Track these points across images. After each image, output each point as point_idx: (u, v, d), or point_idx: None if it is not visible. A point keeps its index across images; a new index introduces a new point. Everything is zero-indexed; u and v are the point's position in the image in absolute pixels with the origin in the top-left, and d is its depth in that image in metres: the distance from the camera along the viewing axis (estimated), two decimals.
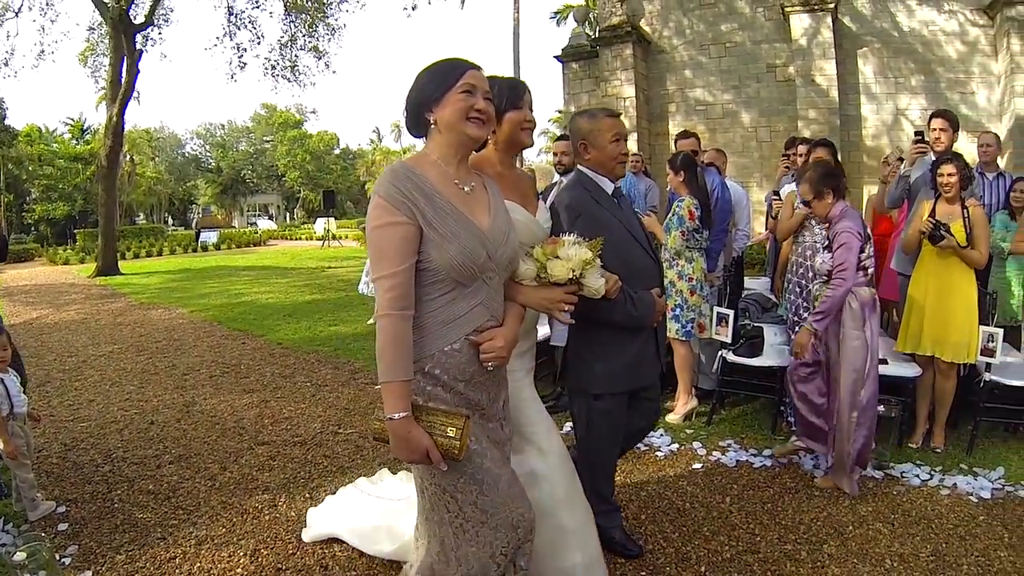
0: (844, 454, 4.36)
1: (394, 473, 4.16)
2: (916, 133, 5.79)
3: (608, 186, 3.47)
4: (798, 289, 5.11)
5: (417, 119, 2.38)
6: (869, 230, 4.72)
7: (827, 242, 4.54)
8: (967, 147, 8.53)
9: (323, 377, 7.19)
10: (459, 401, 2.33)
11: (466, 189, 2.37)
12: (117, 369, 7.78)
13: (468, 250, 2.24)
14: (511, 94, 2.79)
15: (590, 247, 2.62)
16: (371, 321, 8.35)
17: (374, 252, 2.22)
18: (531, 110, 2.87)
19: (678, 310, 5.56)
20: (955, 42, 14.78)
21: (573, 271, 2.54)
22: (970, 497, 4.35)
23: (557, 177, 6.14)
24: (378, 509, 3.70)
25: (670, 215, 5.65)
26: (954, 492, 4.42)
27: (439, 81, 2.33)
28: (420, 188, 2.24)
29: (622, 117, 3.51)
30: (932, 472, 4.67)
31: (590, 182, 3.45)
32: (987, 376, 5.06)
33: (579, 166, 3.53)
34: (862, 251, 4.39)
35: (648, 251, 3.52)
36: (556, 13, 35.89)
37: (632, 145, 15.15)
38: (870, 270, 4.46)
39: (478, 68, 2.38)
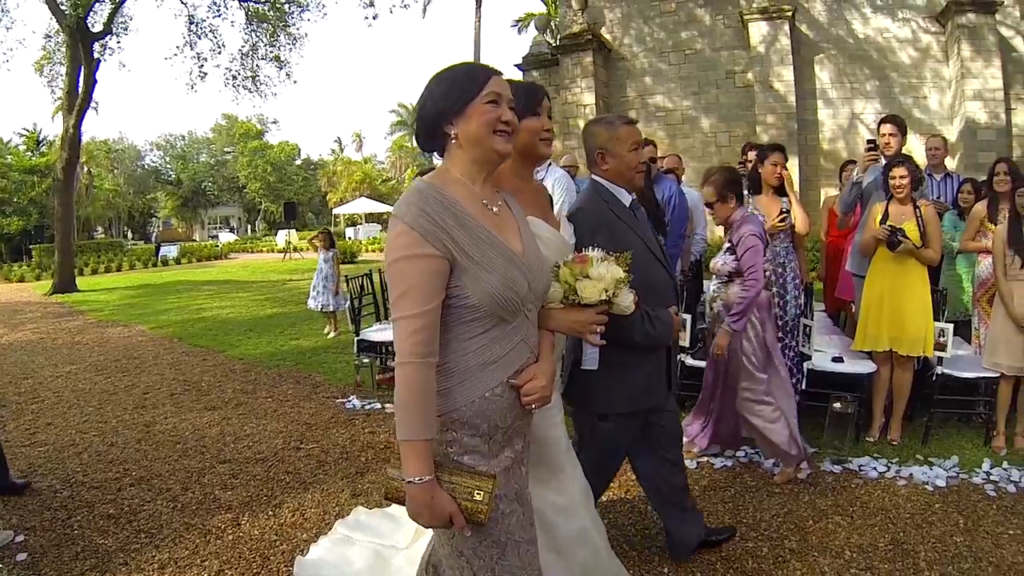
0: (778, 446, 4.56)
1: (369, 509, 4.10)
2: (868, 141, 5.90)
3: (626, 198, 3.28)
4: None
5: (433, 132, 2.11)
6: (823, 233, 4.84)
7: (728, 245, 4.62)
8: (921, 149, 8.70)
9: (284, 392, 7.14)
10: (497, 451, 2.08)
11: (494, 210, 2.13)
12: (75, 390, 7.62)
13: (510, 281, 2.00)
14: (529, 100, 2.60)
15: (619, 263, 2.42)
16: (330, 334, 8.25)
17: (396, 287, 1.95)
18: (550, 117, 2.71)
19: None
20: (908, 49, 15.18)
21: (606, 291, 2.33)
22: (926, 486, 4.51)
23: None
24: (366, 552, 3.59)
25: None
26: (911, 482, 4.58)
27: (460, 90, 2.06)
28: (452, 213, 1.98)
29: (581, 124, 3.54)
30: (889, 464, 4.84)
31: (607, 193, 3.25)
32: (940, 369, 5.26)
33: (594, 176, 3.32)
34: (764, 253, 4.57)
35: (665, 267, 3.35)
36: (518, 21, 36.18)
37: None
38: (767, 273, 4.66)
39: (500, 74, 2.14)
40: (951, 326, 5.20)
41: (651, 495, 3.68)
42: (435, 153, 2.21)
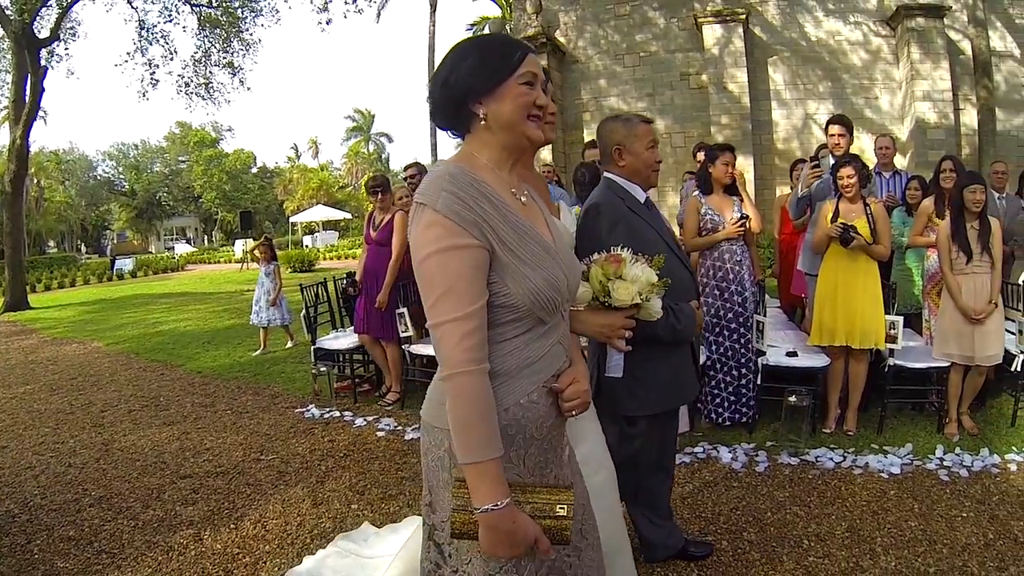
0: None
1: (378, 528, 4.03)
2: (811, 158, 6.05)
3: (641, 195, 3.27)
4: (717, 292, 5.34)
5: (458, 111, 1.85)
6: (776, 231, 4.89)
7: None
8: (872, 149, 8.88)
9: (244, 404, 7.07)
10: (533, 464, 1.86)
11: (522, 200, 1.90)
12: (30, 411, 7.43)
13: (553, 278, 1.80)
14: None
15: (652, 266, 2.30)
16: (288, 343, 8.16)
17: (434, 287, 1.69)
18: (553, 101, 2.60)
19: None
20: (859, 51, 15.50)
21: (639, 294, 2.20)
22: (881, 474, 4.64)
23: None
24: (351, 565, 3.56)
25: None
26: (866, 471, 4.70)
27: (494, 66, 1.81)
28: (490, 200, 1.74)
29: None
30: (845, 454, 4.96)
31: (621, 190, 3.23)
32: (892, 361, 5.39)
33: (608, 174, 3.30)
34: None
35: (684, 262, 3.31)
36: (473, 25, 36.05)
37: (547, 155, 15.40)
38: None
39: (535, 52, 1.90)
40: (901, 319, 5.35)
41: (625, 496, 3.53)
42: (449, 133, 1.97)
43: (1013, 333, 5.51)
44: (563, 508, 1.73)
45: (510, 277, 1.74)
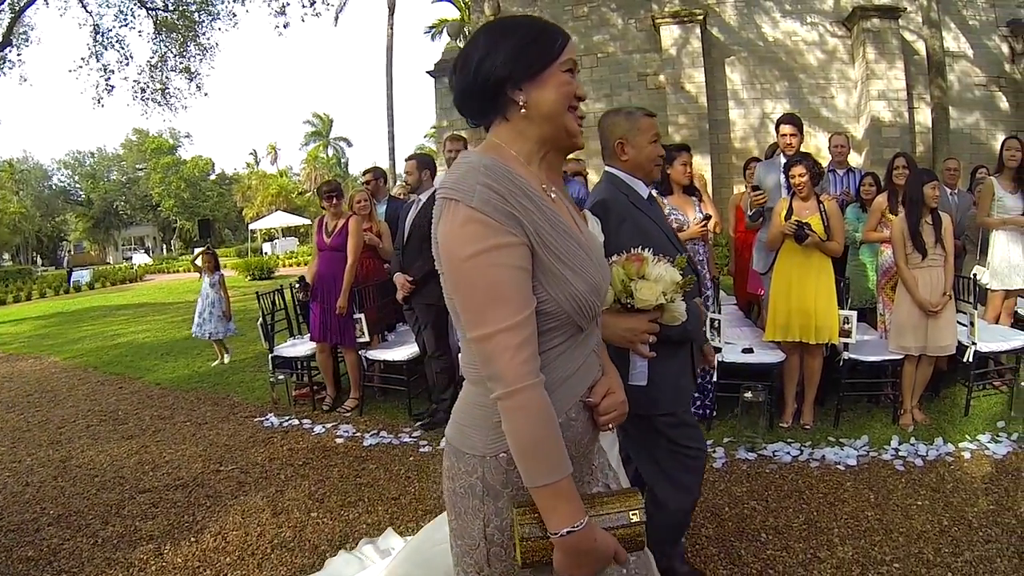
0: None
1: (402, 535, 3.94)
2: (754, 187, 6.10)
3: (643, 190, 3.17)
4: None
5: (493, 96, 1.67)
6: (732, 229, 4.91)
7: None
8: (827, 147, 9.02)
9: (203, 415, 6.97)
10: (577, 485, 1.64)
11: (552, 196, 1.70)
12: None
13: (594, 281, 1.65)
14: None
15: (675, 265, 2.19)
16: (216, 361, 7.99)
17: (477, 293, 1.51)
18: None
19: None
20: (816, 51, 15.74)
21: (664, 294, 2.08)
22: (838, 466, 4.71)
23: (414, 196, 6.25)
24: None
25: None
26: (823, 463, 4.78)
27: (538, 49, 1.65)
28: (527, 195, 1.57)
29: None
30: (802, 448, 5.03)
31: (624, 185, 3.13)
32: (846, 355, 5.49)
33: (609, 168, 3.20)
34: None
35: (688, 259, 3.12)
36: (431, 28, 36.04)
37: None
38: None
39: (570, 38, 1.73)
40: (855, 313, 5.43)
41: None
42: (470, 121, 1.80)
43: (965, 325, 5.64)
44: (635, 514, 1.63)
45: (550, 280, 1.57)
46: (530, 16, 1.74)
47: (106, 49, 20.21)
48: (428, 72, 18.07)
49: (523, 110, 1.65)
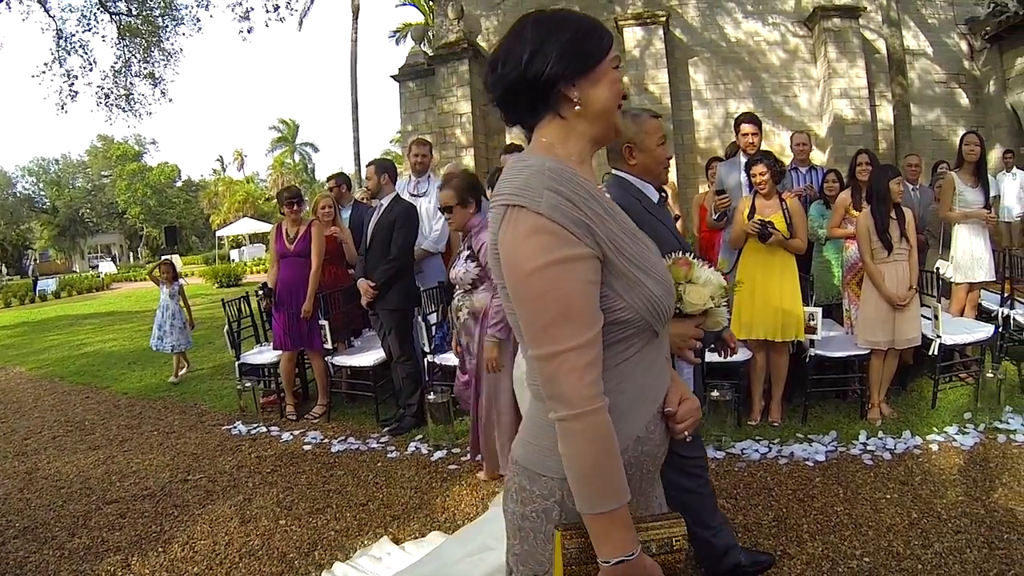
0: (498, 445, 4.68)
1: (397, 543, 3.95)
2: (718, 192, 6.15)
3: (653, 194, 3.10)
4: None
5: (544, 94, 1.56)
6: (695, 228, 4.89)
7: (467, 252, 4.65)
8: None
9: (170, 424, 6.90)
10: (638, 503, 1.60)
11: (607, 197, 1.59)
12: None
13: (667, 284, 1.59)
14: None
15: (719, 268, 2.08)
16: (173, 377, 7.86)
17: (546, 309, 1.41)
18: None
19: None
20: (778, 51, 15.86)
21: (711, 298, 2.03)
22: (807, 462, 4.74)
23: (376, 201, 6.24)
24: None
25: None
26: (792, 460, 4.81)
27: (591, 43, 1.56)
28: (595, 198, 1.48)
29: (458, 133, 3.44)
30: (770, 445, 5.06)
31: (636, 190, 3.04)
32: (812, 351, 5.52)
33: (620, 173, 3.12)
34: None
35: None
36: (395, 32, 35.96)
37: (469, 161, 15.39)
38: None
39: None
40: (820, 310, 5.48)
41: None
42: (504, 119, 1.69)
43: (929, 319, 5.70)
44: (678, 541, 1.55)
45: (625, 287, 1.48)
46: (572, 11, 1.63)
47: (69, 54, 19.87)
48: (393, 76, 17.97)
49: (577, 107, 1.56)
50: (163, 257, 30.07)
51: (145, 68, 20.47)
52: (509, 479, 1.68)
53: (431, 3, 20.43)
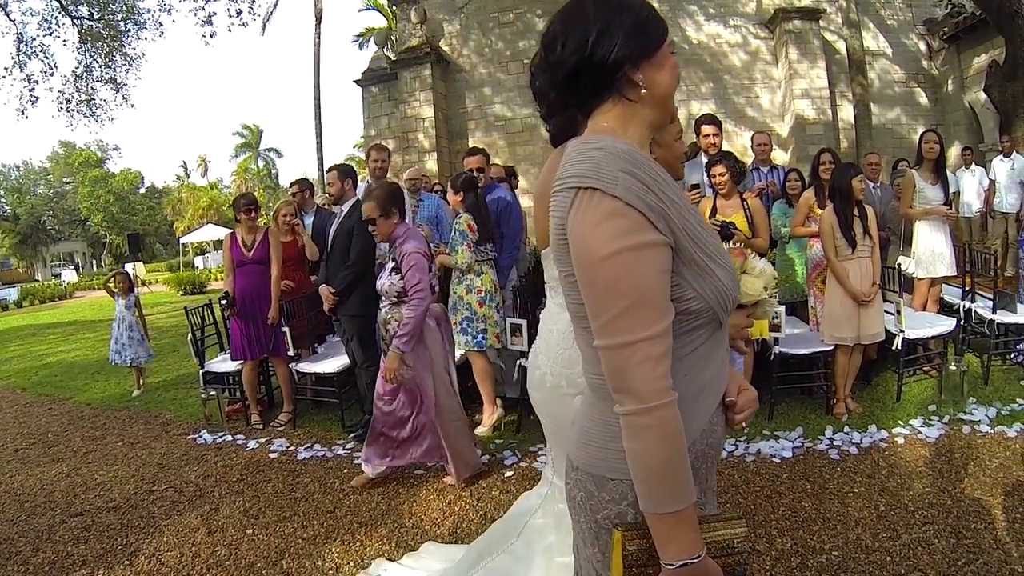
0: (457, 452, 4.72)
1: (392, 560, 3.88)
2: (692, 186, 6.19)
3: None
4: None
5: (610, 76, 1.50)
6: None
7: (392, 264, 4.64)
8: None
9: (135, 434, 6.79)
10: (705, 499, 1.60)
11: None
12: None
13: (733, 274, 1.54)
14: None
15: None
16: (134, 392, 7.72)
17: (618, 297, 1.34)
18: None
19: (466, 323, 5.64)
20: (739, 52, 15.99)
21: (766, 288, 2.00)
22: (774, 459, 4.79)
23: (337, 207, 6.22)
24: None
25: (452, 233, 5.70)
26: (759, 457, 4.85)
27: (654, 26, 1.53)
28: (668, 183, 1.42)
29: (421, 137, 3.41)
30: (737, 442, 5.09)
31: None
32: (777, 349, 5.55)
33: None
34: (429, 270, 4.62)
35: None
36: (359, 36, 35.79)
37: (432, 165, 15.36)
38: (436, 288, 4.70)
39: None
40: (783, 308, 5.55)
41: None
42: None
43: (892, 314, 5.78)
44: (740, 543, 1.50)
45: (696, 276, 1.43)
46: None
47: (30, 59, 19.52)
48: (356, 81, 17.90)
49: (644, 91, 1.51)
50: (127, 267, 29.73)
51: (107, 73, 20.11)
52: (571, 488, 1.62)
53: (394, 8, 20.34)
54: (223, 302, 6.39)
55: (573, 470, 1.60)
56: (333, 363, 6.31)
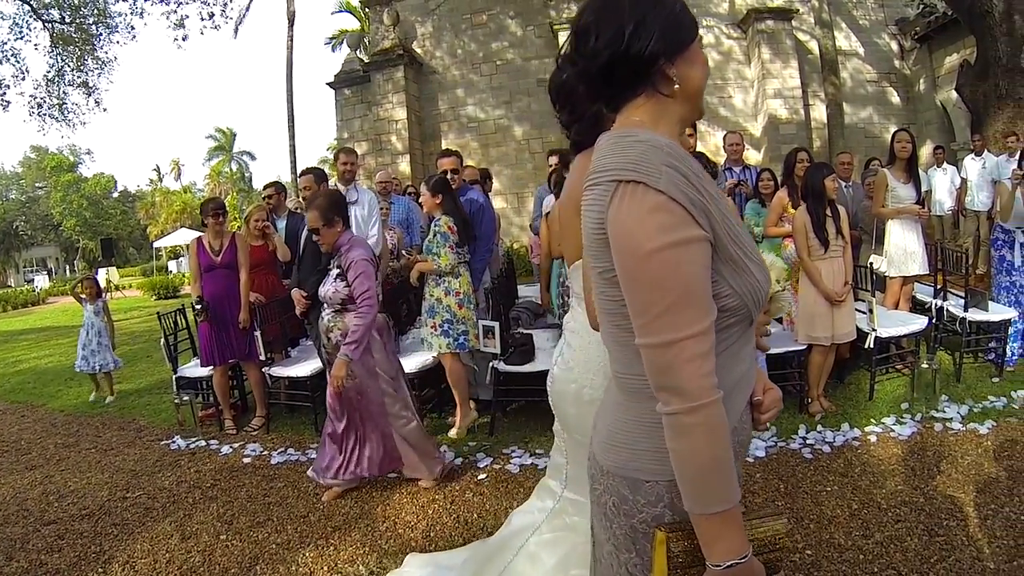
0: (425, 452, 4.75)
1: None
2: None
3: None
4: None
5: (645, 70, 1.47)
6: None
7: (337, 271, 4.61)
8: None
9: (108, 441, 6.71)
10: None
11: None
12: None
13: (767, 274, 1.52)
14: None
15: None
16: (107, 398, 7.65)
17: (664, 293, 1.31)
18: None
19: (446, 326, 5.58)
20: (713, 52, 16.11)
21: (777, 281, 1.93)
22: (747, 459, 4.73)
23: None
24: None
25: (432, 236, 5.62)
26: None
27: (687, 21, 1.52)
28: (708, 178, 1.41)
29: (394, 139, 3.39)
30: None
31: None
32: None
33: None
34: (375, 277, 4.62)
35: None
36: (331, 39, 35.64)
37: (405, 167, 15.34)
38: (380, 297, 4.69)
39: None
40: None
41: None
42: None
43: (865, 313, 5.82)
44: (782, 539, 1.49)
45: (733, 272, 1.41)
46: None
47: (1, 63, 19.35)
48: (329, 84, 17.86)
49: (678, 86, 1.48)
50: (100, 272, 29.41)
51: (79, 77, 19.96)
52: (599, 495, 1.58)
53: (367, 10, 20.31)
54: (197, 307, 6.33)
55: (602, 476, 1.56)
56: (306, 367, 6.25)
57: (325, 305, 4.67)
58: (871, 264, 6.32)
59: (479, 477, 4.93)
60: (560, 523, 2.86)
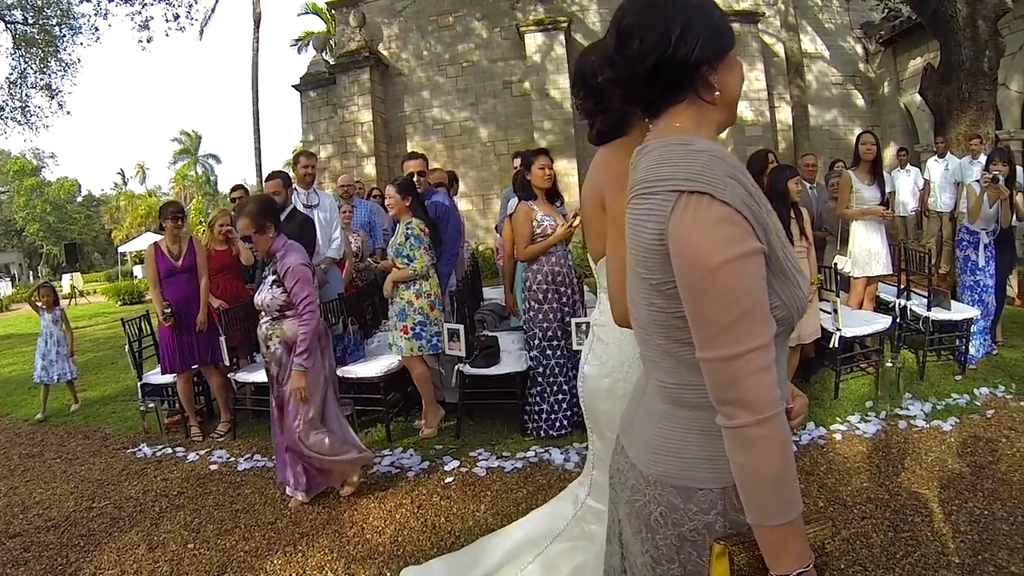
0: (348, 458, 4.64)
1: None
2: None
3: None
4: (557, 296, 5.39)
5: (689, 77, 1.46)
6: None
7: (273, 277, 4.55)
8: None
9: (74, 450, 6.59)
10: None
11: None
12: None
13: (807, 285, 1.52)
14: None
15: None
16: (72, 407, 7.52)
17: (731, 306, 1.30)
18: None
19: (419, 328, 5.55)
20: None
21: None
22: None
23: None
24: None
25: (403, 239, 5.57)
26: None
27: (727, 28, 1.49)
28: (760, 191, 1.41)
29: (360, 142, 3.35)
30: None
31: None
32: None
33: None
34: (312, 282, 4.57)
35: None
36: (297, 41, 35.33)
37: (370, 169, 15.29)
38: (317, 302, 4.63)
39: None
40: None
41: None
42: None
43: (829, 312, 5.89)
44: (829, 543, 1.49)
45: (782, 284, 1.40)
46: None
47: None
48: (294, 86, 17.77)
49: (718, 92, 1.47)
50: (64, 277, 28.93)
51: (41, 79, 19.72)
52: (642, 506, 1.54)
53: (333, 12, 20.24)
54: (166, 311, 6.23)
55: (649, 486, 1.53)
56: None
57: (262, 313, 4.59)
58: (835, 264, 6.38)
59: (446, 480, 4.92)
60: (579, 531, 2.83)
